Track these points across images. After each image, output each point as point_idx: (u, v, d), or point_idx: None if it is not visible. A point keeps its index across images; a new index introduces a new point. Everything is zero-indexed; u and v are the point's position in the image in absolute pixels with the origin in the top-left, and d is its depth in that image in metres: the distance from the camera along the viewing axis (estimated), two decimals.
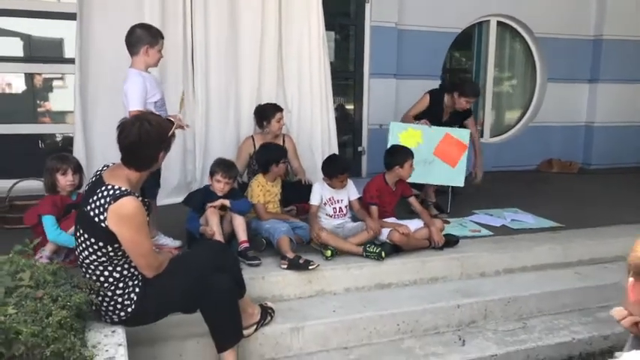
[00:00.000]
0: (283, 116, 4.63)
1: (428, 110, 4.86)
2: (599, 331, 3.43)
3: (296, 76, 5.20)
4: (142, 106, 3.36)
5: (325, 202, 3.84)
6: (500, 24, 7.32)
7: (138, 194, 2.41)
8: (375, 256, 3.61)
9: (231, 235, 3.60)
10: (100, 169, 2.51)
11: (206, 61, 4.91)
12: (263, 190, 3.87)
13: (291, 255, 3.43)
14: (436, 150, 4.75)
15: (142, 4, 4.65)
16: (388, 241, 3.73)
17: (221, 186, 3.54)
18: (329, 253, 3.58)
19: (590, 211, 5.06)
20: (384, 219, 3.90)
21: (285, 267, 3.42)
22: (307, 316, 3.20)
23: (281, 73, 5.19)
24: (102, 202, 2.29)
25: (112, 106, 4.38)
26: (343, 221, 3.89)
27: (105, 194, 2.30)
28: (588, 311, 3.65)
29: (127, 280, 2.43)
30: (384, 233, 3.75)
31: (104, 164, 2.54)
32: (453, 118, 4.96)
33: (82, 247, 2.38)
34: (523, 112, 7.74)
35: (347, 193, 3.91)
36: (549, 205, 5.24)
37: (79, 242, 2.40)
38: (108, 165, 2.52)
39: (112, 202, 2.27)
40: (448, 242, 3.89)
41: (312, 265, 3.40)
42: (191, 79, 4.92)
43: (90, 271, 2.41)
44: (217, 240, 3.27)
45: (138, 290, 2.44)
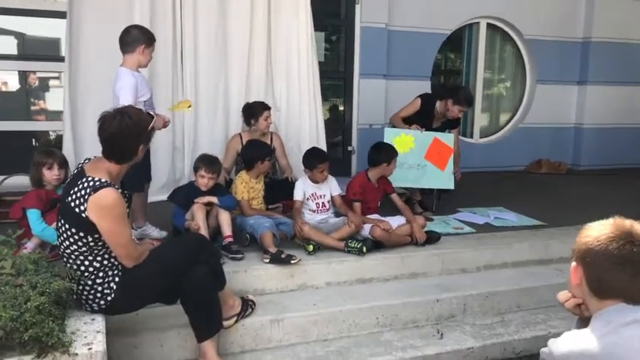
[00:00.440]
0: (271, 114, 4.69)
1: (417, 115, 4.89)
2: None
3: (285, 74, 5.27)
4: (132, 103, 3.44)
5: (308, 198, 3.91)
6: (490, 26, 7.41)
7: (118, 186, 2.48)
8: (356, 252, 3.67)
9: (217, 230, 3.67)
10: (82, 162, 2.58)
11: (195, 59, 4.99)
12: (247, 186, 3.93)
13: (273, 249, 3.50)
14: (427, 154, 4.84)
15: (132, 3, 4.71)
16: (370, 236, 3.79)
17: (205, 181, 3.60)
18: (311, 247, 3.64)
19: (574, 210, 5.11)
20: (366, 215, 3.97)
21: (268, 261, 3.48)
22: (287, 309, 3.26)
23: (270, 72, 5.26)
24: (82, 193, 2.36)
25: (101, 104, 4.37)
26: (326, 216, 3.96)
27: (85, 186, 2.37)
28: None
29: (107, 269, 2.49)
30: (365, 229, 3.81)
31: (86, 157, 2.61)
32: (443, 125, 5.02)
33: (64, 237, 2.45)
34: (513, 114, 7.82)
35: (329, 189, 3.99)
36: (535, 204, 5.30)
37: (60, 232, 2.47)
38: (90, 158, 2.59)
39: (92, 194, 2.34)
40: (430, 239, 3.95)
41: (294, 259, 3.46)
42: (180, 77, 4.99)
43: (71, 261, 2.47)
44: (197, 233, 3.34)
45: (117, 280, 2.50)
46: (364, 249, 3.67)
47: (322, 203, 3.94)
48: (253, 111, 4.65)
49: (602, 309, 1.44)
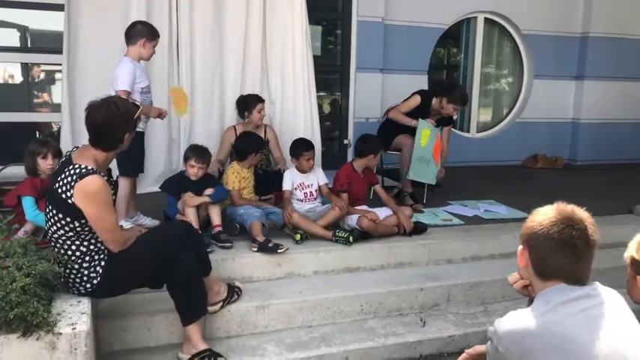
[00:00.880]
0: (264, 107, 4.76)
1: (415, 111, 4.96)
2: None
3: (279, 68, 5.32)
4: (129, 87, 3.67)
5: (296, 187, 4.00)
6: (487, 21, 7.43)
7: (104, 174, 2.56)
8: (343, 241, 3.75)
9: (207, 220, 3.76)
10: (70, 149, 2.67)
11: (191, 52, 5.04)
12: (238, 177, 4.01)
13: (261, 239, 3.57)
14: (434, 150, 4.93)
15: None
16: (357, 227, 3.86)
17: (195, 171, 3.68)
18: (298, 237, 3.72)
19: (570, 203, 5.15)
20: (354, 206, 4.04)
21: (256, 249, 3.56)
22: (273, 296, 3.34)
23: (265, 65, 5.31)
24: (69, 179, 2.45)
25: (99, 96, 4.51)
26: (314, 205, 4.06)
27: (72, 172, 2.45)
28: None
29: (93, 254, 2.58)
30: (353, 219, 3.88)
31: (74, 145, 2.69)
32: (437, 122, 5.08)
33: (51, 222, 2.54)
34: (510, 108, 7.85)
35: (316, 179, 4.09)
36: (527, 198, 5.29)
37: (48, 217, 2.55)
38: (78, 146, 2.67)
39: (78, 180, 2.42)
40: (417, 229, 4.02)
41: (281, 248, 3.54)
42: (176, 70, 5.06)
43: (58, 245, 2.56)
44: (183, 220, 3.42)
45: (103, 264, 2.58)
46: (351, 239, 3.74)
47: (310, 192, 4.04)
48: (247, 103, 4.71)
49: (545, 289, 1.51)
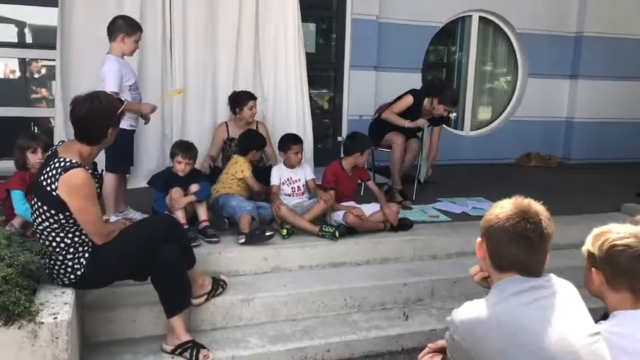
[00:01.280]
0: (256, 105, 4.80)
1: (407, 110, 5.01)
2: None
3: (272, 64, 5.35)
4: (117, 88, 3.69)
5: (284, 182, 4.07)
6: (482, 19, 7.47)
7: (89, 167, 2.61)
8: (329, 236, 3.80)
9: (194, 214, 3.81)
10: (56, 144, 2.72)
11: (184, 48, 5.09)
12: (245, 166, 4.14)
13: (247, 230, 3.63)
14: (427, 149, 5.07)
15: None
16: (343, 222, 3.91)
17: (182, 166, 3.73)
18: (284, 232, 3.77)
19: (556, 201, 5.13)
20: (341, 203, 4.09)
21: (243, 241, 3.61)
22: (259, 289, 3.39)
23: (258, 62, 5.35)
24: (54, 172, 2.50)
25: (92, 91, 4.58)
26: (301, 200, 4.13)
27: (57, 166, 2.51)
28: None
29: (78, 245, 2.63)
30: (339, 215, 3.94)
31: (61, 140, 2.75)
32: (429, 122, 5.13)
33: (37, 214, 2.59)
34: (504, 107, 7.88)
35: (304, 174, 4.17)
36: (517, 196, 5.37)
37: (33, 210, 2.61)
38: (64, 140, 2.73)
39: (62, 173, 2.48)
40: (403, 225, 4.07)
41: (269, 231, 3.60)
42: (169, 66, 5.10)
43: (43, 237, 2.61)
44: (167, 214, 3.48)
45: (87, 256, 2.63)
46: (337, 233, 3.79)
47: (298, 187, 4.12)
48: (239, 100, 4.76)
49: (501, 280, 1.55)
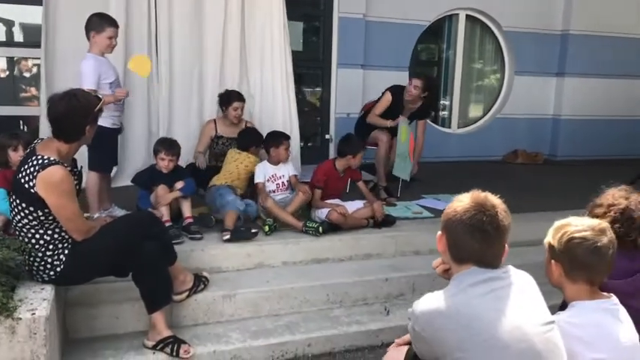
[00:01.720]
0: (243, 107, 4.80)
1: (388, 108, 5.05)
2: None
3: (259, 62, 5.36)
4: (94, 85, 3.67)
5: (268, 179, 4.11)
6: (469, 18, 7.51)
7: (67, 164, 2.63)
8: (313, 231, 3.84)
9: (178, 211, 3.83)
10: (35, 141, 2.73)
11: (170, 45, 5.09)
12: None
13: (232, 227, 3.66)
14: (410, 146, 5.09)
15: None
16: (327, 219, 3.94)
17: (165, 163, 3.75)
18: (267, 228, 3.81)
19: (541, 197, 5.25)
20: (327, 200, 4.12)
21: (228, 237, 3.63)
22: (241, 285, 3.42)
23: (244, 59, 5.36)
24: (32, 170, 2.52)
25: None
26: (285, 196, 4.18)
27: (35, 163, 2.52)
28: None
29: (57, 242, 2.65)
30: (323, 212, 3.97)
31: (39, 137, 2.76)
32: (411, 117, 5.16)
33: (16, 211, 2.61)
34: (491, 104, 7.94)
35: (287, 170, 4.23)
36: (503, 192, 5.34)
37: (12, 207, 2.62)
38: (42, 138, 2.74)
39: (40, 171, 2.49)
40: (385, 222, 4.11)
41: (254, 230, 3.63)
42: (155, 63, 5.10)
43: (23, 234, 2.63)
44: (147, 210, 3.50)
45: (67, 252, 2.65)
46: (321, 229, 3.83)
47: (282, 183, 4.19)
48: (226, 98, 4.76)
49: (459, 272, 1.59)
